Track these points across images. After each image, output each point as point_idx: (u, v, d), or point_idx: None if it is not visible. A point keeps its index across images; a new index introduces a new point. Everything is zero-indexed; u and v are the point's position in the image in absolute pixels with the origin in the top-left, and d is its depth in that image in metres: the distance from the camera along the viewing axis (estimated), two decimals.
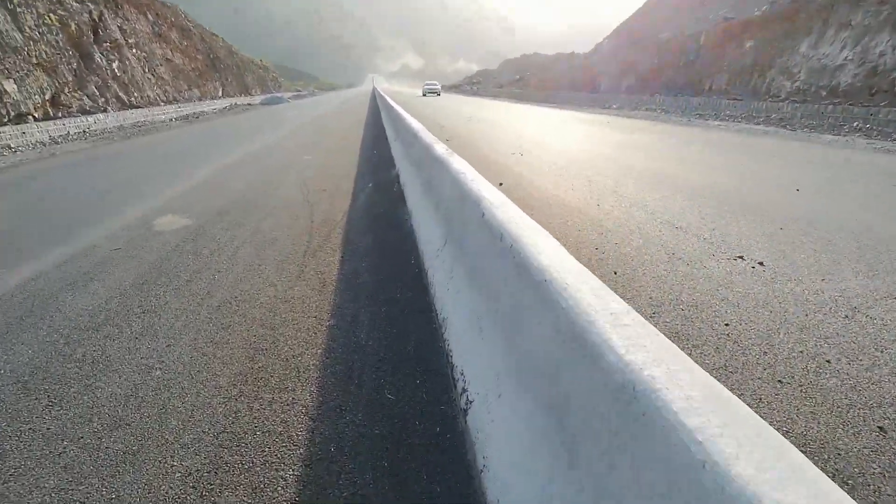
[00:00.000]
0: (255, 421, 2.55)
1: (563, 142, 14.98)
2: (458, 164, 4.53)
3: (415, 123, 9.35)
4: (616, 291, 1.92)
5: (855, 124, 17.89)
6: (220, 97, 58.03)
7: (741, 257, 4.76)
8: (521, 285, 2.18)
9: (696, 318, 3.58)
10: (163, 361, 3.12)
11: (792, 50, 26.37)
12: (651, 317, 3.59)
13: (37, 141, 20.26)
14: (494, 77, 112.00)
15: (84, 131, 24.57)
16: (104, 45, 36.93)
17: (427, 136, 7.05)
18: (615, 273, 4.39)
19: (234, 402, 2.70)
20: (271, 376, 2.94)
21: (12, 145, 18.30)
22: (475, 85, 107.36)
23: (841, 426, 2.46)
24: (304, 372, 2.96)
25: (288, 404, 2.67)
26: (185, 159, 12.66)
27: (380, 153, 12.53)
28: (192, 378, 2.93)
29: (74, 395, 2.80)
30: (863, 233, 5.68)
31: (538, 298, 1.97)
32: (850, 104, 20.79)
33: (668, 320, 3.55)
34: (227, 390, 2.81)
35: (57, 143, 20.31)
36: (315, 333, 3.42)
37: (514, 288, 2.26)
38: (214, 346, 3.28)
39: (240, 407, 2.66)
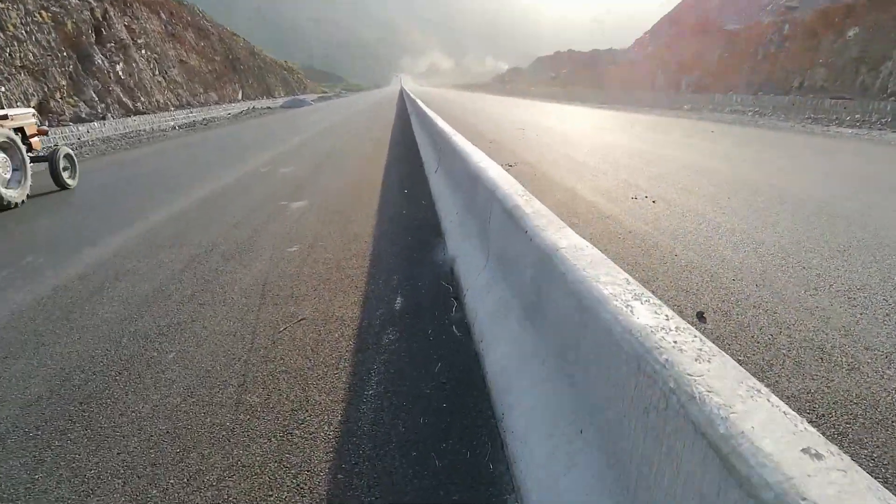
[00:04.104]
0: None
1: (691, 169, 10.04)
2: None
3: (493, 173, 4.51)
4: None
5: None
6: (239, 100, 54.31)
7: None
8: None
9: None
10: None
11: None
12: None
13: None
14: (528, 75, 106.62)
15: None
16: (108, 45, 33.12)
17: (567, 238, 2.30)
18: None
19: None
20: None
21: None
22: (507, 84, 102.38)
23: None
24: None
25: None
26: (110, 208, 8.19)
27: (413, 196, 7.85)
28: None
29: None
30: None
31: None
32: None
33: None
34: None
35: None
36: None
37: None
38: None
39: None
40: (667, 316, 1.60)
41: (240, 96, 55.26)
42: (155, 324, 3.81)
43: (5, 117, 9.35)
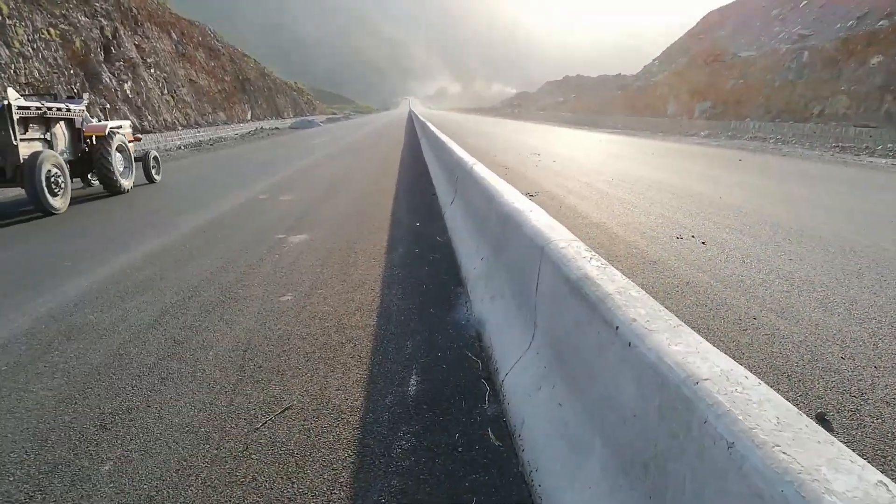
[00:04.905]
0: None
1: (730, 204, 9.15)
2: None
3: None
4: None
5: None
6: (248, 120, 53.94)
7: None
8: None
9: None
10: None
11: None
12: None
13: None
14: (536, 99, 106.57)
15: None
16: (116, 64, 32.71)
17: None
18: None
19: None
20: None
21: None
22: (516, 108, 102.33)
23: None
24: None
25: None
26: (83, 241, 7.37)
27: (426, 232, 6.98)
28: None
29: None
30: None
31: None
32: None
33: None
34: None
35: None
36: None
37: None
38: None
39: None
40: None
41: (249, 116, 54.93)
42: (98, 409, 2.92)
43: (120, 127, 11.96)
